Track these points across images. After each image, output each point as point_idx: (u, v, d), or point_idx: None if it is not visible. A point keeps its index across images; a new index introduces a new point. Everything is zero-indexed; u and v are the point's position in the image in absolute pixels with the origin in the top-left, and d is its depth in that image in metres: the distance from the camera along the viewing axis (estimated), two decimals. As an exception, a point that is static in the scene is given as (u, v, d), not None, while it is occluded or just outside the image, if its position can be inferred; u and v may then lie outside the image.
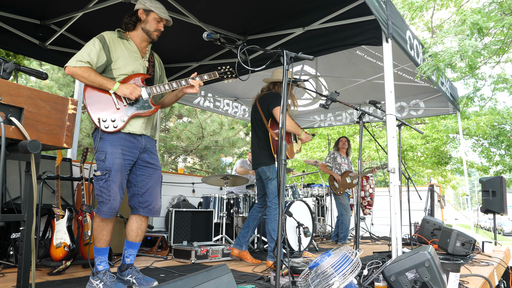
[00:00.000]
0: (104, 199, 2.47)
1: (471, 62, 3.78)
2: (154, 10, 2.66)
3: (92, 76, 2.43)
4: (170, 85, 2.62)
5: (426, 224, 5.04)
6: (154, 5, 2.69)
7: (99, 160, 2.47)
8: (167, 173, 7.10)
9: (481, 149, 10.72)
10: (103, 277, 2.44)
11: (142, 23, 2.68)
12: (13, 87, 1.05)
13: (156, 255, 4.18)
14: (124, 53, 2.61)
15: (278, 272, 1.94)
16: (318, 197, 7.19)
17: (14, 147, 1.06)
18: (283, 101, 2.15)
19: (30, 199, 1.21)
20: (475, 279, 3.02)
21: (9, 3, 3.88)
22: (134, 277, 2.61)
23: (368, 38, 3.62)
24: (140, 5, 2.68)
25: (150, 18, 2.67)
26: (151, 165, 2.71)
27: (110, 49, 2.55)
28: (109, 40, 2.57)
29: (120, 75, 2.57)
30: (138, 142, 2.62)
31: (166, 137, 12.37)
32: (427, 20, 13.78)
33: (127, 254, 2.71)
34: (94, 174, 2.51)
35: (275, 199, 3.47)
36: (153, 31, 2.70)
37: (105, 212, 2.49)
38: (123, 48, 2.62)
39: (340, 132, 13.00)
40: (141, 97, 2.57)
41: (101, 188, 2.47)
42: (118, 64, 2.56)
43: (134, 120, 2.57)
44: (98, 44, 2.51)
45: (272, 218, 3.48)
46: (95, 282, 2.45)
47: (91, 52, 2.47)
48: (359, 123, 3.39)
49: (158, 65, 2.91)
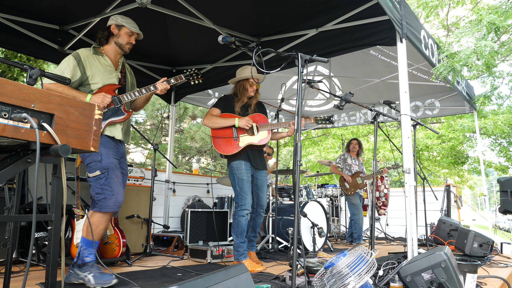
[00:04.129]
0: (107, 195, 2.66)
1: (488, 62, 3.73)
2: (125, 25, 2.91)
3: (66, 90, 2.67)
4: (140, 92, 2.86)
5: (443, 225, 4.99)
6: (125, 21, 2.94)
7: (96, 161, 2.67)
8: (182, 174, 7.19)
9: (499, 148, 10.52)
10: (91, 269, 2.57)
11: (114, 37, 2.92)
12: (45, 95, 1.12)
13: (173, 254, 4.25)
14: (99, 68, 2.85)
15: (294, 272, 1.97)
16: (332, 198, 7.19)
17: (46, 151, 1.12)
18: (298, 103, 2.18)
19: (58, 200, 1.27)
20: (493, 280, 2.99)
21: (29, 9, 4.00)
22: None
23: (382, 39, 3.61)
24: (112, 21, 2.95)
25: (122, 32, 2.92)
26: (124, 171, 2.97)
27: (85, 65, 2.78)
28: (84, 58, 2.80)
29: (95, 90, 2.80)
30: (119, 148, 2.91)
31: (180, 138, 12.50)
32: (442, 18, 13.59)
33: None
34: (89, 176, 2.67)
35: (237, 199, 3.46)
36: (125, 44, 2.94)
37: (112, 206, 2.67)
38: (98, 64, 2.85)
39: (354, 132, 12.91)
40: (114, 106, 2.82)
41: (102, 186, 2.65)
42: (95, 79, 2.80)
43: (112, 127, 2.83)
44: (73, 62, 2.74)
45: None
46: (82, 274, 2.55)
47: (65, 70, 2.70)
48: (374, 123, 3.39)
49: (129, 74, 3.16)
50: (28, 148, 1.16)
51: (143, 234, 4.33)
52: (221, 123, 3.49)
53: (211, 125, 3.52)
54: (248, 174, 3.48)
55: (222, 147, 3.47)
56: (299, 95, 2.17)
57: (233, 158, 3.50)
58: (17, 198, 1.52)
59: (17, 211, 1.59)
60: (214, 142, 3.52)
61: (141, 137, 11.38)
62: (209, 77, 5.38)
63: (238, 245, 3.41)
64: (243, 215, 3.40)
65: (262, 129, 3.51)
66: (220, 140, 3.49)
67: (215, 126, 3.50)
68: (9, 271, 1.52)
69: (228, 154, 3.45)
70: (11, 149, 1.23)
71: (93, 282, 2.52)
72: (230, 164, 3.51)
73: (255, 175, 3.64)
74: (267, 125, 3.51)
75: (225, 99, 3.68)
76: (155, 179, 4.44)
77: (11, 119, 1.06)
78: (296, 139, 2.11)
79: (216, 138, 3.51)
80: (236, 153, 3.46)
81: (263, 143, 3.50)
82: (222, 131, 3.50)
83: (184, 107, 11.98)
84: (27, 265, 1.01)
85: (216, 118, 3.51)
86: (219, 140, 3.49)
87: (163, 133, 12.95)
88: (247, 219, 3.43)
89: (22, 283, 0.96)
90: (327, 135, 13.29)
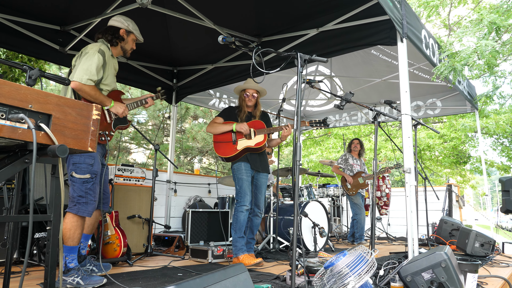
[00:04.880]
0: (89, 200, 2.66)
1: (489, 62, 3.72)
2: (134, 32, 3.00)
3: (98, 94, 2.69)
4: (137, 103, 3.06)
5: (444, 225, 4.98)
6: (134, 27, 3.02)
7: (88, 164, 2.66)
8: (183, 174, 7.20)
9: (501, 148, 10.48)
10: (78, 272, 2.58)
11: (122, 42, 2.98)
12: (42, 95, 1.12)
13: (174, 254, 4.25)
14: (112, 71, 2.89)
15: (294, 271, 1.97)
16: (334, 198, 7.19)
17: (43, 151, 1.13)
18: (297, 103, 2.18)
19: (56, 200, 1.28)
20: (494, 280, 2.98)
21: (31, 10, 4.02)
22: (93, 265, 2.90)
23: (383, 38, 3.60)
24: (123, 25, 2.96)
25: (129, 38, 3.00)
26: (103, 166, 2.97)
27: (106, 66, 2.79)
28: (107, 58, 2.80)
29: (105, 91, 2.83)
30: (105, 148, 2.95)
31: (182, 138, 12.51)
32: (444, 17, 13.55)
33: (84, 246, 2.95)
34: (74, 176, 2.63)
35: (237, 197, 3.65)
36: (129, 49, 3.04)
37: (90, 212, 2.69)
38: (112, 67, 2.91)
39: (355, 132, 12.89)
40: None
41: (87, 190, 2.65)
42: (107, 81, 2.83)
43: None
44: (101, 60, 2.72)
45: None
46: (70, 279, 2.56)
47: (97, 68, 2.67)
48: (374, 123, 3.39)
49: None
50: (26, 148, 1.17)
51: (144, 234, 4.33)
52: (221, 128, 3.74)
53: (212, 130, 3.78)
54: (248, 174, 3.68)
55: (221, 150, 3.72)
56: (298, 95, 2.17)
57: (234, 160, 3.71)
58: (17, 198, 1.53)
59: (17, 211, 1.59)
60: (215, 146, 3.77)
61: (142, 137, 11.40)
62: (210, 77, 5.38)
63: (236, 240, 3.60)
64: (242, 211, 3.59)
65: (258, 133, 3.71)
66: (220, 144, 3.74)
67: (216, 131, 3.74)
68: (9, 271, 1.52)
69: (226, 156, 3.68)
70: (9, 150, 1.24)
71: (82, 284, 2.54)
72: (232, 166, 3.75)
73: (255, 177, 3.82)
74: (263, 130, 3.72)
75: (229, 110, 3.92)
76: (157, 179, 4.45)
77: (8, 119, 1.07)
78: (296, 139, 2.11)
79: (217, 143, 3.76)
80: (235, 156, 3.67)
81: (259, 146, 3.69)
82: (222, 136, 3.74)
83: (186, 107, 11.98)
84: (24, 265, 1.02)
85: (217, 124, 3.78)
86: (219, 144, 3.74)
87: (164, 133, 12.96)
88: (246, 215, 3.62)
89: (19, 284, 0.96)
90: (329, 135, 13.28)
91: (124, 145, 12.38)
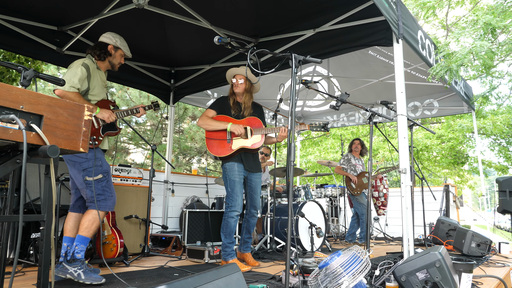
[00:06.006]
0: (107, 196, 2.89)
1: (485, 63, 3.73)
2: (122, 48, 3.18)
3: (82, 101, 2.83)
4: (127, 112, 3.16)
5: (441, 225, 4.99)
6: (122, 43, 3.18)
7: (97, 166, 2.86)
8: (181, 174, 7.20)
9: (498, 148, 10.51)
10: (82, 265, 2.66)
11: (110, 57, 3.14)
12: (33, 96, 1.13)
13: (171, 255, 4.26)
14: (99, 82, 3.04)
15: (288, 271, 1.98)
16: (332, 198, 7.19)
17: (35, 152, 1.13)
18: (291, 103, 2.19)
19: (49, 200, 1.28)
20: (490, 280, 2.99)
21: (28, 10, 4.02)
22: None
23: (379, 39, 3.61)
24: (111, 41, 3.12)
25: (117, 54, 3.16)
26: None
27: (91, 78, 2.95)
28: (92, 70, 2.97)
29: (93, 101, 2.99)
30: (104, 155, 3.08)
31: (180, 138, 12.50)
32: (441, 18, 13.57)
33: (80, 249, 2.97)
34: (89, 179, 2.82)
35: (228, 200, 3.51)
36: (117, 64, 3.20)
37: (110, 206, 2.91)
38: (99, 78, 3.05)
39: (354, 133, 12.90)
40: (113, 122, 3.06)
41: (103, 188, 2.87)
42: (94, 92, 2.99)
43: (105, 138, 3.06)
44: (85, 73, 2.89)
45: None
46: (72, 268, 2.63)
47: (80, 79, 2.84)
48: (370, 124, 3.40)
49: None
50: (18, 149, 1.18)
51: (141, 235, 4.34)
52: (214, 126, 3.50)
53: (205, 126, 3.54)
54: (240, 176, 3.50)
55: (214, 148, 3.50)
56: (293, 96, 2.18)
57: (226, 159, 3.51)
58: (11, 198, 1.53)
59: (11, 211, 1.61)
60: (208, 143, 3.54)
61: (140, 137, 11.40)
62: (207, 78, 5.39)
63: (225, 245, 3.47)
64: (233, 217, 3.44)
65: (256, 133, 3.51)
66: (213, 141, 3.51)
67: (209, 129, 3.52)
68: (3, 272, 1.53)
69: (220, 156, 3.48)
70: (1, 150, 1.24)
71: (83, 277, 2.60)
72: (224, 165, 3.54)
73: (248, 177, 3.66)
74: (261, 130, 3.51)
75: (222, 101, 3.69)
76: (154, 179, 4.45)
77: (-1, 120, 1.07)
78: (290, 139, 2.11)
79: (209, 140, 3.53)
80: (229, 156, 3.48)
81: (256, 147, 3.51)
82: (216, 133, 3.51)
83: (184, 108, 11.99)
84: (14, 265, 1.02)
85: (210, 120, 3.53)
86: (212, 141, 3.52)
87: (163, 134, 12.96)
88: (236, 220, 3.48)
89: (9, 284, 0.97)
90: (327, 136, 13.29)
91: (122, 145, 12.38)
